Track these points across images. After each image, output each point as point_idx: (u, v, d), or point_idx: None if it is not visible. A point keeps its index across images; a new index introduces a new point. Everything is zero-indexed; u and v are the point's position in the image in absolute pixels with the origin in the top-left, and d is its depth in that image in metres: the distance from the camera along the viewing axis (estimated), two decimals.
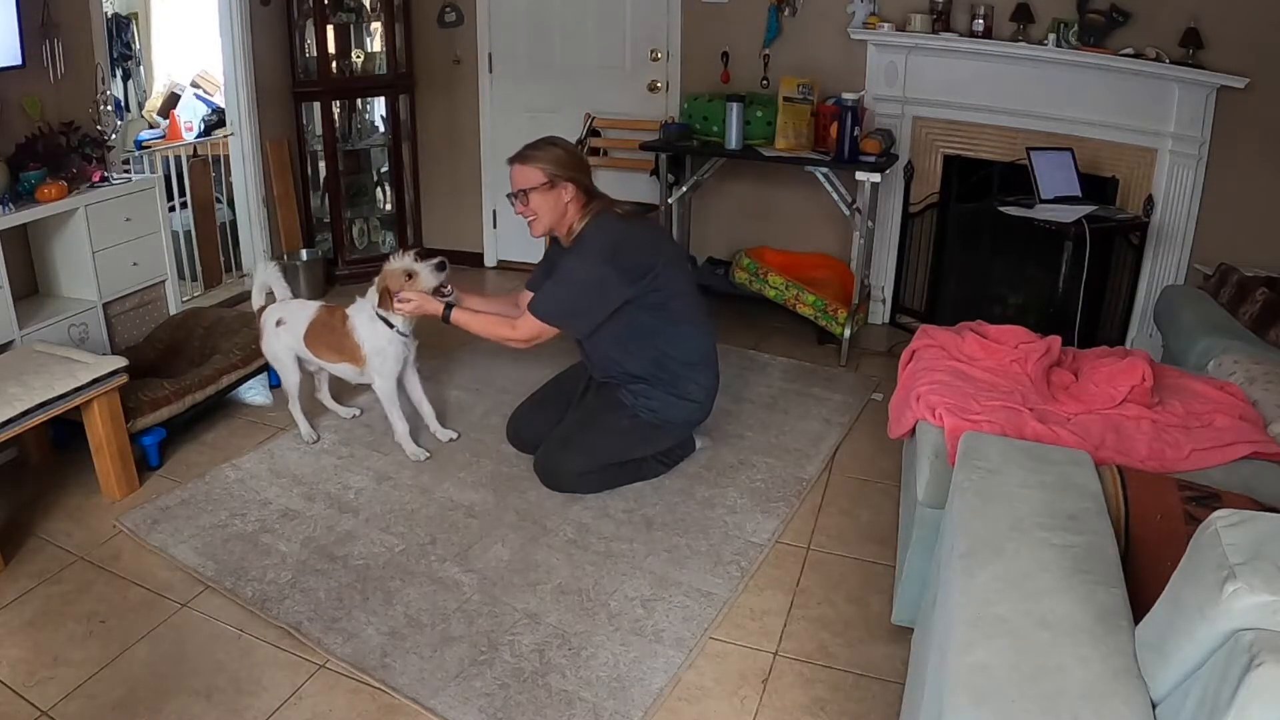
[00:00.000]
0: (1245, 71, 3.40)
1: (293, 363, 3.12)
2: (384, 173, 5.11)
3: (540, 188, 2.69)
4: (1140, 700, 1.17)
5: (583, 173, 2.74)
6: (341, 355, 3.04)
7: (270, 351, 3.15)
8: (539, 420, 2.99)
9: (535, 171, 2.68)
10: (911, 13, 3.93)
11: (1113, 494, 1.66)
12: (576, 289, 2.70)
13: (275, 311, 3.12)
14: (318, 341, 3.06)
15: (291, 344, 3.08)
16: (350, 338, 3.00)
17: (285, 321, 3.08)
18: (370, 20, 4.78)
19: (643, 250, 2.72)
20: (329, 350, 3.06)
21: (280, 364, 3.15)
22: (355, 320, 3.01)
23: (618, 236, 2.70)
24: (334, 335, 3.03)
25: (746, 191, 4.53)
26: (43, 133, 3.26)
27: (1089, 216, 3.41)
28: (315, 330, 3.06)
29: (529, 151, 2.72)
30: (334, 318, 3.06)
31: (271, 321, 3.10)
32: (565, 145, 2.77)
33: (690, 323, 2.82)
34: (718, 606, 2.35)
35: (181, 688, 2.06)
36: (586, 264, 2.67)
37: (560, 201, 2.70)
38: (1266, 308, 2.82)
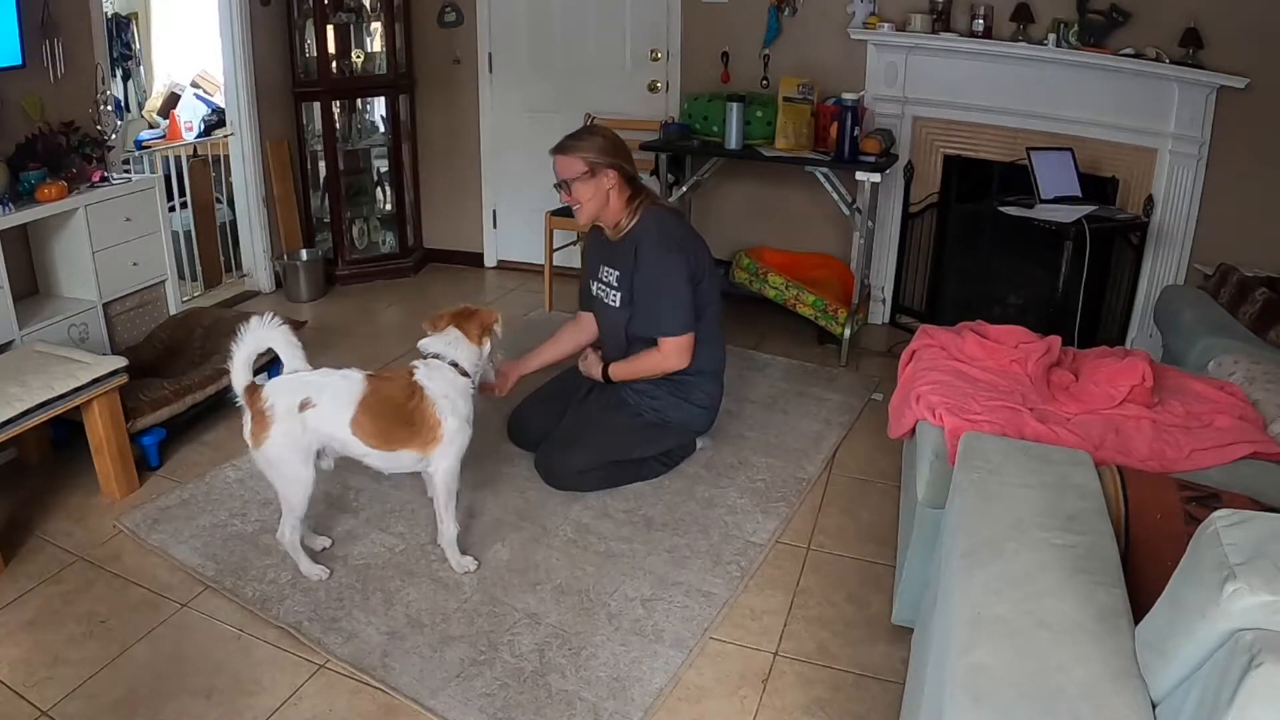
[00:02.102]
0: (1245, 71, 3.40)
1: (308, 465, 2.29)
2: (384, 173, 5.11)
3: (581, 176, 2.70)
4: (1140, 700, 1.17)
5: (625, 160, 2.74)
6: (409, 441, 2.32)
7: (273, 453, 2.23)
8: (540, 419, 3.00)
9: (576, 161, 2.70)
10: (911, 13, 3.93)
11: (1113, 494, 1.66)
12: (670, 288, 2.70)
13: (290, 390, 2.25)
14: (375, 426, 2.28)
15: (327, 435, 2.28)
16: (429, 413, 2.31)
17: (315, 404, 2.24)
18: (370, 20, 4.77)
19: (696, 247, 2.78)
20: (390, 438, 2.31)
21: (288, 471, 2.26)
22: (431, 385, 2.32)
23: (678, 231, 2.76)
24: (403, 415, 2.30)
25: (746, 191, 4.54)
26: (43, 133, 3.26)
27: (1089, 216, 3.41)
28: (372, 408, 2.28)
29: (569, 141, 2.74)
30: (397, 387, 2.32)
31: (289, 405, 2.22)
32: (606, 133, 2.78)
33: (712, 334, 2.85)
34: (718, 606, 2.35)
35: (181, 688, 2.06)
36: (666, 260, 2.69)
37: (602, 189, 2.72)
38: (1266, 308, 2.82)
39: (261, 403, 2.23)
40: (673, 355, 2.75)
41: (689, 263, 2.71)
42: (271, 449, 2.24)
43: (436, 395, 2.33)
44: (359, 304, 4.60)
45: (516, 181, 4.96)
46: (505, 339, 2.66)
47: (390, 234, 5.13)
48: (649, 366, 2.80)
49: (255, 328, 2.24)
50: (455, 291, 4.87)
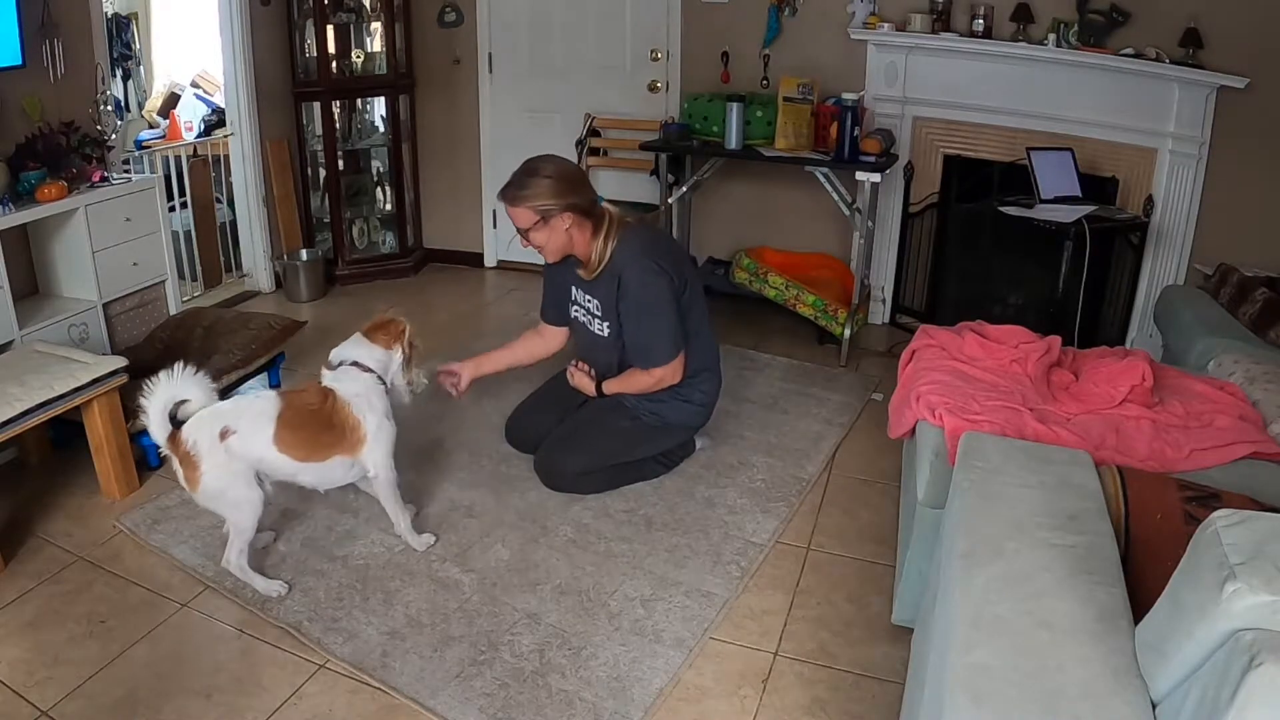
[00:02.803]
0: (1245, 71, 3.40)
1: (251, 486, 2.31)
2: (384, 173, 5.11)
3: (535, 225, 2.62)
4: (1140, 700, 1.17)
5: (577, 194, 2.60)
6: (335, 445, 2.38)
7: (212, 487, 2.25)
8: (539, 420, 2.99)
9: (525, 212, 2.60)
10: (911, 13, 3.93)
11: (1113, 494, 1.66)
12: (657, 312, 2.66)
13: (208, 423, 2.27)
14: (297, 438, 2.32)
15: (254, 459, 2.30)
16: (346, 416, 2.37)
17: (235, 430, 2.27)
18: (370, 20, 4.78)
19: (674, 259, 2.75)
20: (313, 447, 2.35)
21: (231, 496, 2.28)
22: (340, 387, 2.40)
23: (651, 251, 2.69)
24: (320, 422, 2.36)
25: (746, 191, 4.53)
26: (43, 133, 3.26)
27: (1089, 216, 3.41)
28: (291, 422, 2.32)
29: (515, 191, 2.60)
30: (312, 398, 2.38)
31: (211, 438, 2.25)
32: (551, 171, 2.60)
33: (701, 335, 2.84)
34: (718, 606, 2.35)
35: (181, 688, 2.06)
36: (651, 291, 2.64)
37: (560, 231, 2.63)
38: (1266, 308, 2.82)
39: (184, 445, 2.26)
40: (667, 377, 2.75)
41: (671, 281, 2.66)
42: (208, 484, 2.27)
43: (349, 395, 2.39)
44: (359, 304, 4.60)
45: None
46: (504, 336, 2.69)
47: (390, 234, 5.13)
48: (643, 385, 2.78)
49: (165, 381, 2.25)
50: (455, 291, 4.87)
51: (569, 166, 2.67)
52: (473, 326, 3.17)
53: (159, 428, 2.26)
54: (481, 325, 3.29)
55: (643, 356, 2.74)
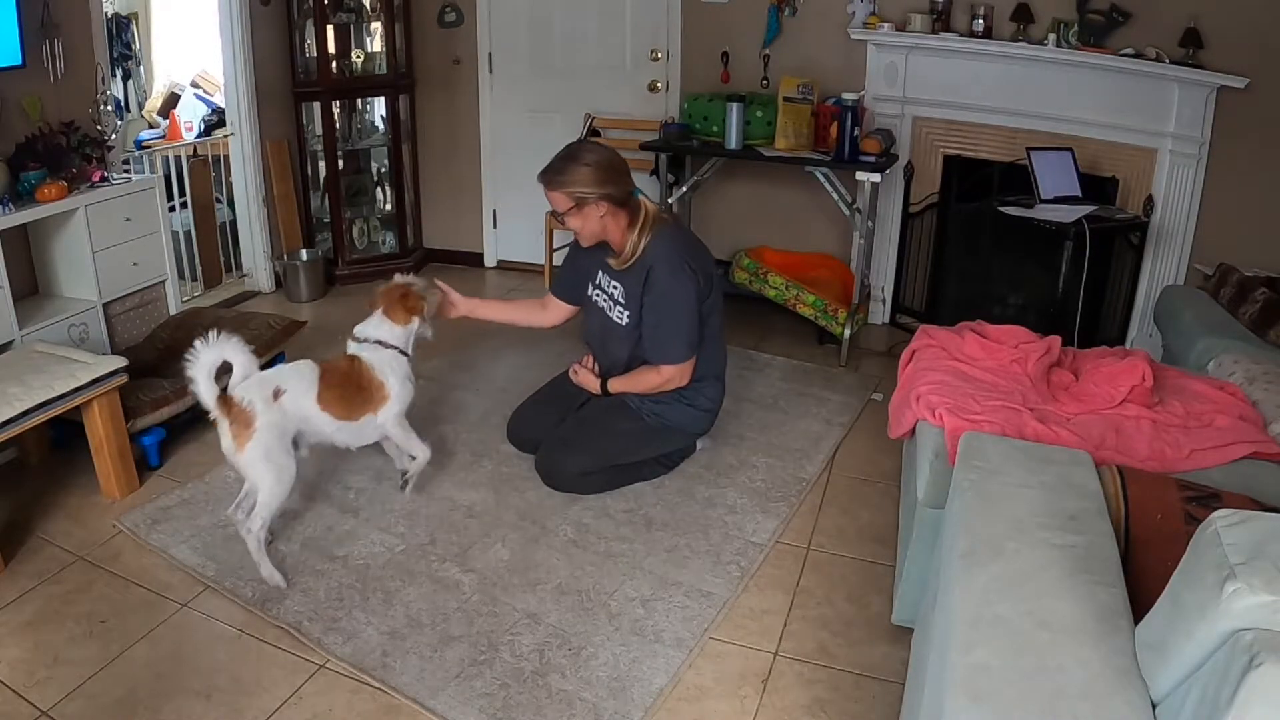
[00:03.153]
0: (1245, 71, 3.40)
1: (290, 452, 2.46)
2: (384, 173, 5.11)
3: (570, 211, 2.67)
4: (1140, 700, 1.17)
5: (614, 184, 2.64)
6: (366, 406, 2.61)
7: (262, 445, 2.37)
8: (540, 420, 2.99)
9: (561, 196, 2.65)
10: (911, 13, 3.93)
11: (1113, 494, 1.66)
12: (682, 316, 2.67)
13: (259, 385, 2.43)
14: (335, 397, 2.54)
15: (302, 417, 2.50)
16: (370, 376, 2.62)
17: (286, 390, 2.46)
18: (370, 20, 4.78)
19: (704, 262, 2.76)
20: (350, 406, 2.58)
21: (274, 459, 2.40)
22: (366, 356, 2.65)
23: (688, 249, 2.72)
24: (352, 383, 2.59)
25: (746, 191, 4.53)
26: (43, 133, 3.26)
27: (1089, 216, 3.41)
28: (330, 383, 2.55)
29: (553, 176, 2.65)
30: (343, 364, 2.65)
31: (265, 397, 2.41)
32: (591, 159, 2.64)
33: (715, 339, 2.85)
34: (718, 606, 2.35)
35: (181, 688, 2.06)
36: (678, 289, 2.66)
37: (594, 218, 2.67)
38: (1266, 308, 2.82)
39: (239, 404, 2.38)
40: (675, 378, 2.75)
41: (699, 284, 2.68)
42: (258, 443, 2.37)
43: (373, 361, 2.65)
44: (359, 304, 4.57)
45: (516, 181, 4.95)
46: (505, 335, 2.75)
47: (390, 234, 5.13)
48: (649, 385, 2.78)
49: (209, 346, 2.35)
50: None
51: (611, 156, 2.69)
52: (473, 325, 3.18)
53: (207, 390, 2.35)
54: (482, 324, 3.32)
55: (657, 352, 2.74)
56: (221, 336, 2.38)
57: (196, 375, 2.33)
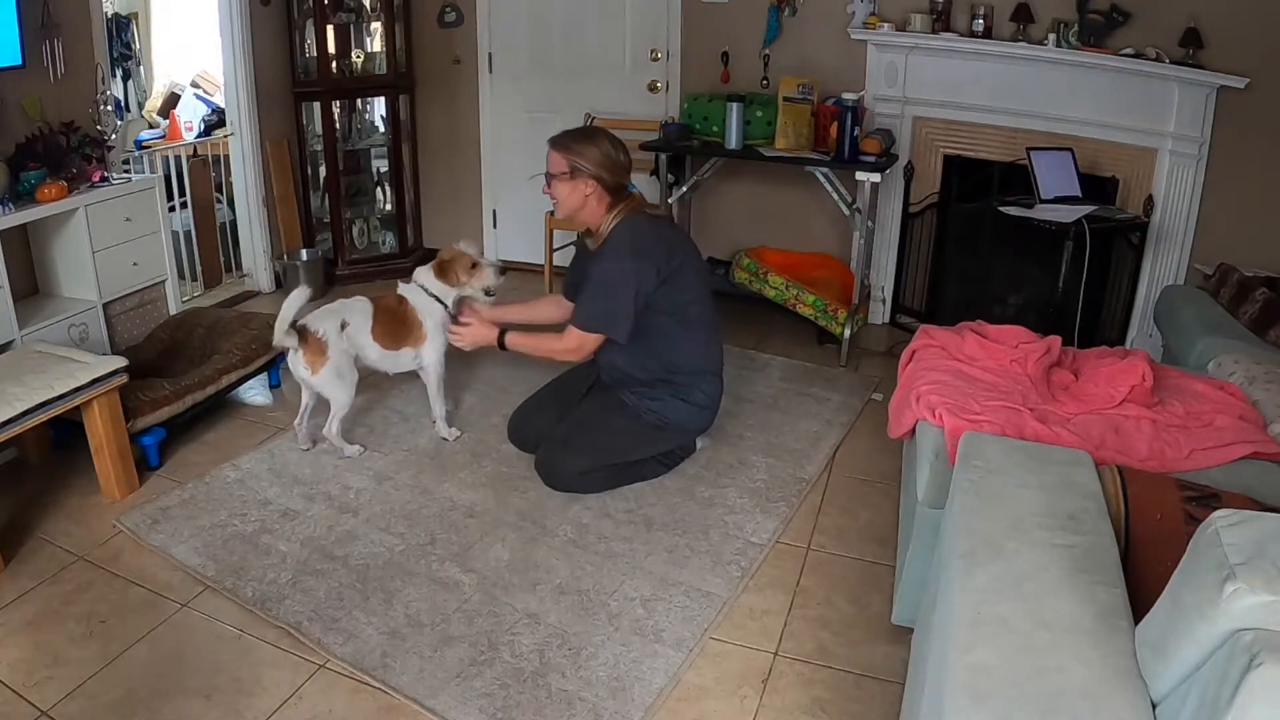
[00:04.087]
0: (1245, 71, 3.40)
1: (354, 369, 3.01)
2: (384, 173, 5.11)
3: (561, 175, 2.74)
4: (1140, 700, 1.17)
5: (611, 173, 2.73)
6: (407, 340, 3.06)
7: (335, 368, 2.92)
8: (540, 420, 3.00)
9: (561, 160, 2.74)
10: (911, 13, 3.93)
11: (1113, 494, 1.66)
12: (608, 292, 2.71)
13: (328, 318, 2.95)
14: (385, 331, 3.03)
15: (360, 344, 3.00)
16: (414, 316, 3.04)
17: (350, 323, 2.97)
18: (370, 20, 4.78)
19: (668, 248, 2.76)
20: (395, 339, 3.04)
21: (346, 377, 2.97)
22: (412, 299, 3.06)
23: (642, 235, 2.74)
24: (399, 319, 3.04)
25: (746, 191, 4.53)
26: (43, 133, 3.26)
27: (1089, 216, 3.41)
28: (382, 319, 3.02)
29: (564, 139, 2.77)
30: (392, 302, 3.06)
31: (335, 329, 2.93)
32: (604, 144, 2.75)
33: (704, 330, 2.85)
34: (718, 606, 2.35)
35: (181, 688, 2.06)
36: (614, 266, 2.70)
37: (579, 193, 2.74)
38: (1266, 308, 2.82)
39: (315, 336, 2.91)
40: (575, 349, 2.80)
41: (642, 271, 2.68)
42: (332, 366, 2.92)
43: (416, 303, 3.06)
44: None
45: (516, 181, 4.95)
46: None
47: (390, 234, 5.13)
48: (548, 348, 2.85)
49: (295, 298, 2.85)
50: None
51: (620, 154, 2.78)
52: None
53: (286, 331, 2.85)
54: None
55: (576, 311, 2.80)
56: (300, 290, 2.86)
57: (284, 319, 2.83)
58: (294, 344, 2.88)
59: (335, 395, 2.98)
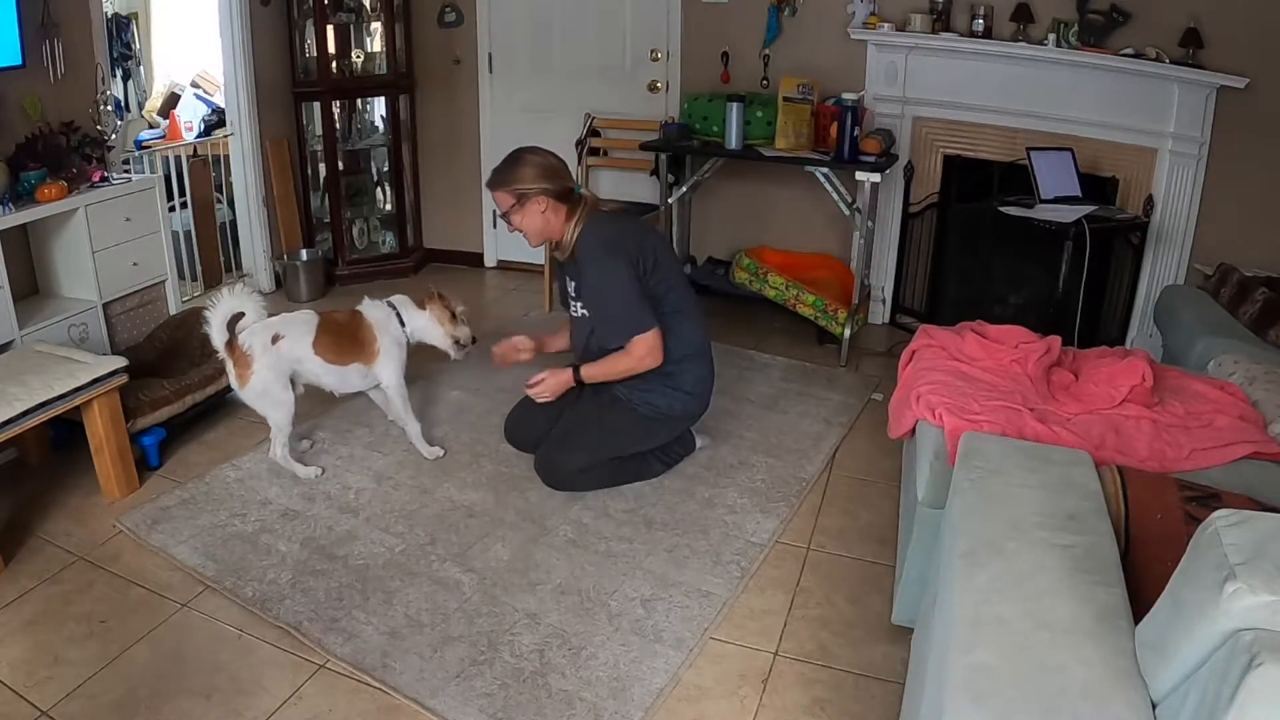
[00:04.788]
0: (1245, 71, 3.40)
1: (287, 389, 2.84)
2: (384, 173, 5.11)
3: (512, 208, 2.73)
4: (1140, 700, 1.17)
5: (551, 180, 2.71)
6: (356, 355, 2.92)
7: (259, 384, 2.77)
8: (538, 419, 2.99)
9: (503, 195, 2.74)
10: (911, 13, 3.93)
11: (1113, 494, 1.66)
12: (619, 296, 2.69)
13: (258, 331, 2.78)
14: (329, 345, 2.88)
15: (294, 360, 2.83)
16: (368, 332, 2.92)
17: (284, 335, 2.81)
18: (370, 20, 4.78)
19: (637, 240, 2.76)
20: (341, 353, 2.90)
21: (271, 395, 2.79)
22: (370, 315, 2.95)
23: (610, 232, 2.75)
24: (348, 334, 2.91)
25: (746, 191, 4.53)
26: (43, 133, 3.26)
27: (1089, 216, 3.41)
28: (326, 331, 2.88)
29: (496, 176, 2.76)
30: (343, 316, 2.95)
31: (263, 340, 2.77)
32: (530, 159, 2.73)
33: (685, 314, 2.83)
34: (718, 606, 2.35)
35: (181, 688, 2.06)
36: (604, 270, 2.69)
37: (535, 214, 2.72)
38: (1266, 308, 2.82)
39: (241, 347, 2.76)
40: (646, 356, 2.74)
41: (627, 261, 2.68)
42: (257, 381, 2.76)
43: (374, 319, 2.95)
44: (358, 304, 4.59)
45: None
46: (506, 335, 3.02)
47: (390, 234, 5.13)
48: (623, 368, 2.78)
49: (226, 296, 2.73)
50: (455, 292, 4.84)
51: (549, 158, 2.77)
52: (474, 326, 3.17)
53: (219, 335, 2.73)
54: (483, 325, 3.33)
55: (615, 335, 2.75)
56: (238, 288, 2.76)
57: (212, 320, 2.71)
58: (221, 348, 2.76)
59: (266, 413, 2.83)
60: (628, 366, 2.76)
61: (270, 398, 2.80)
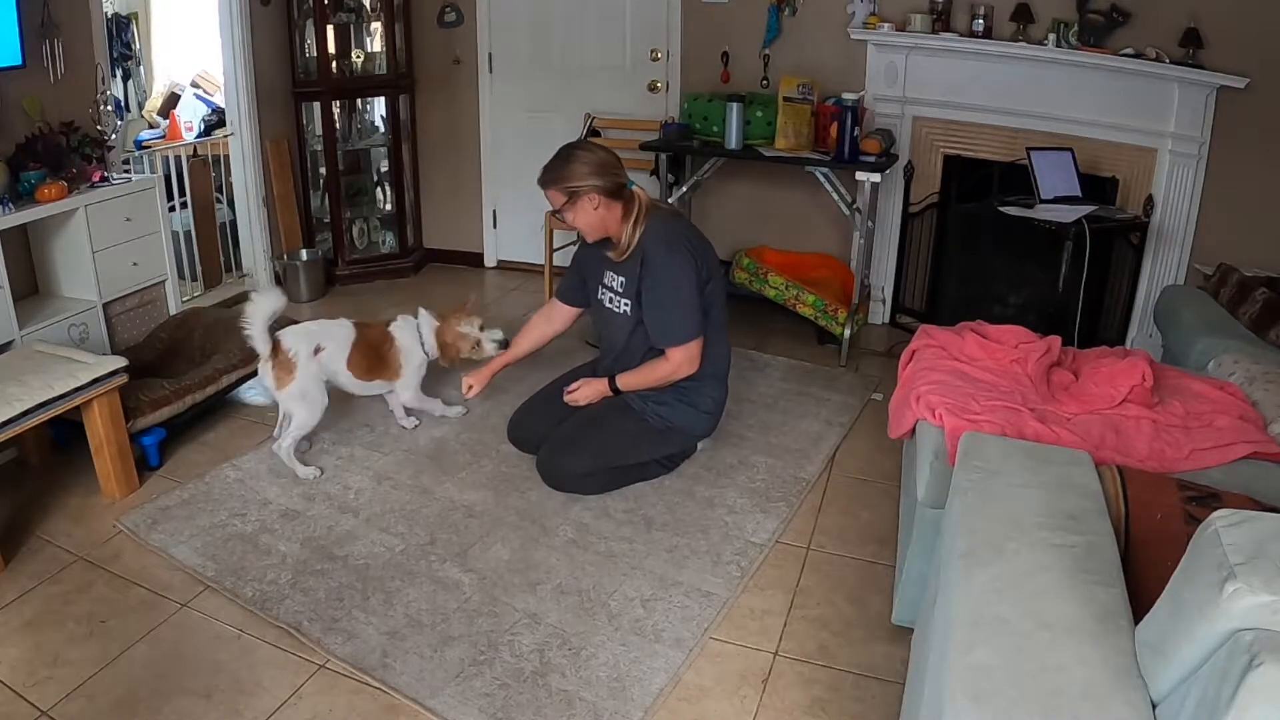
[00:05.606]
0: (1245, 71, 3.40)
1: (324, 394, 2.98)
2: (384, 173, 5.11)
3: (565, 205, 2.74)
4: (1140, 700, 1.17)
5: (603, 176, 2.70)
6: (382, 374, 3.09)
7: (298, 390, 2.90)
8: (541, 420, 2.99)
9: (555, 193, 2.74)
10: (911, 13, 3.93)
11: (1113, 494, 1.66)
12: (679, 299, 2.69)
13: (303, 339, 2.93)
14: (360, 363, 3.02)
15: (330, 372, 2.98)
16: (395, 356, 3.08)
17: (325, 348, 2.95)
18: (370, 20, 4.78)
19: (701, 248, 2.78)
20: (370, 372, 3.05)
21: (309, 398, 2.93)
22: (400, 338, 3.09)
23: (684, 233, 2.76)
24: (378, 355, 3.06)
25: (746, 191, 4.53)
26: (43, 133, 3.26)
27: (1089, 216, 3.41)
28: (359, 351, 3.02)
29: (547, 174, 2.76)
30: (375, 334, 3.07)
31: (307, 350, 2.91)
32: (581, 155, 2.74)
33: (719, 336, 2.85)
34: (718, 606, 2.35)
35: (181, 688, 2.06)
36: (674, 268, 2.68)
37: (588, 210, 2.73)
38: (1266, 308, 2.81)
39: (285, 353, 2.90)
40: (684, 364, 2.75)
41: (696, 265, 2.70)
42: (297, 386, 2.91)
43: (403, 344, 3.09)
44: (359, 304, 4.60)
45: (516, 181, 4.95)
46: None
47: (390, 234, 5.13)
48: (659, 375, 2.77)
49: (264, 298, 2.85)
50: (455, 292, 4.86)
51: (603, 155, 2.77)
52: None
53: (262, 341, 2.86)
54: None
55: (661, 334, 2.75)
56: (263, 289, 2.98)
57: (253, 327, 2.82)
58: (265, 353, 2.88)
59: (298, 413, 2.93)
60: (665, 374, 2.77)
61: (308, 400, 2.94)
